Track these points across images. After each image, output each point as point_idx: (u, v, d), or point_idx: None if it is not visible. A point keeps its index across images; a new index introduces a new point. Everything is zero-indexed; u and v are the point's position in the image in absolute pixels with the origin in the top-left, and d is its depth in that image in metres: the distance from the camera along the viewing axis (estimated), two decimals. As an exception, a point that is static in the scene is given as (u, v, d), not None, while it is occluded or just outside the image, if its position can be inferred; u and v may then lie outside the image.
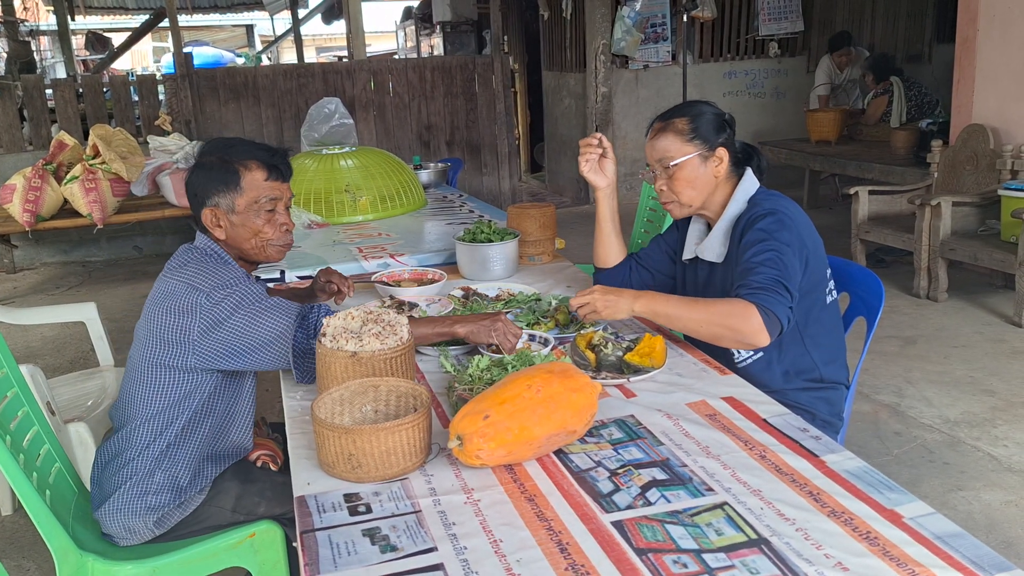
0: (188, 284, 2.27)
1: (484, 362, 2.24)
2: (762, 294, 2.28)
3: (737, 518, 1.63)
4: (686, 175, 2.57)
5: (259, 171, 2.41)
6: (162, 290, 2.32)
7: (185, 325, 2.25)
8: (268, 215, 2.43)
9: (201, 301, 2.24)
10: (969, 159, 6.16)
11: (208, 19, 21.92)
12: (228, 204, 2.40)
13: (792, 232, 2.41)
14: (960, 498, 3.54)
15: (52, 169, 6.62)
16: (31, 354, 5.80)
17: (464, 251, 3.29)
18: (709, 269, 2.66)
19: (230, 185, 2.39)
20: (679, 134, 2.57)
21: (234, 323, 2.25)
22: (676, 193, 2.59)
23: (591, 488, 1.77)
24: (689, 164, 2.56)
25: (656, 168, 2.62)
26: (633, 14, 9.39)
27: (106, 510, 2.33)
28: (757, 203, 2.53)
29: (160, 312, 2.29)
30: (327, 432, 1.82)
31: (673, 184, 2.59)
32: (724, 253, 2.58)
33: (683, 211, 2.65)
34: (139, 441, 2.32)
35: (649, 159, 2.66)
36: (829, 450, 1.88)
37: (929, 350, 5.12)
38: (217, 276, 2.29)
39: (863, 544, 1.53)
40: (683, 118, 2.59)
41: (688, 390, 2.24)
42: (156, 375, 2.31)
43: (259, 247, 2.44)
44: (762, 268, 2.33)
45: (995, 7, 6.07)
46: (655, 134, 2.63)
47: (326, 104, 5.15)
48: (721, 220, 2.60)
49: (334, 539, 1.62)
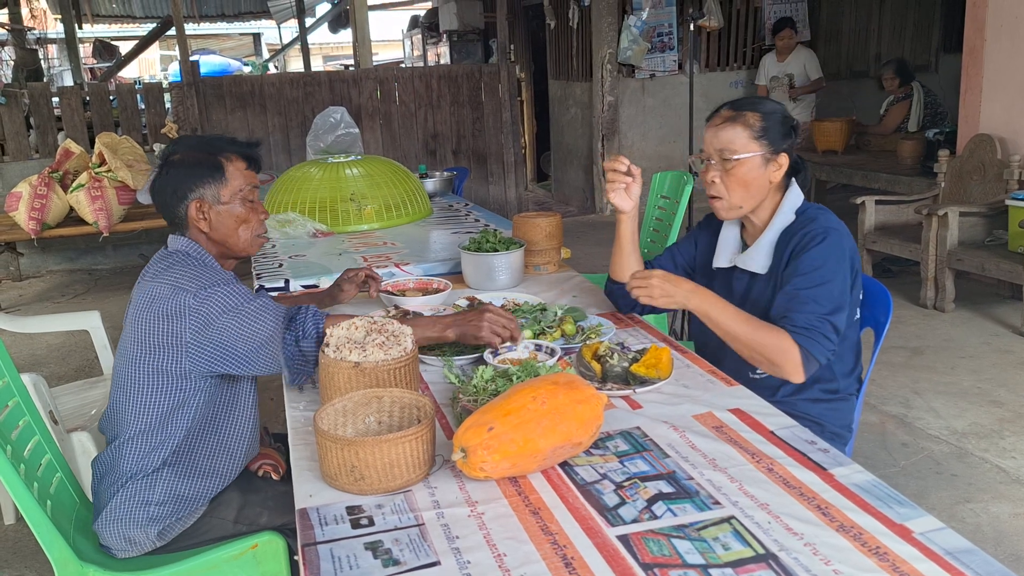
0: (174, 286, 2.26)
1: (488, 373, 2.22)
2: (808, 335, 2.29)
3: (744, 532, 1.61)
4: (743, 173, 2.48)
5: (240, 161, 2.48)
6: (147, 295, 2.29)
7: (176, 328, 2.23)
8: (250, 205, 2.49)
9: (189, 302, 2.23)
10: (976, 169, 6.14)
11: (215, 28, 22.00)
12: (213, 195, 2.43)
13: (845, 259, 2.40)
14: (968, 510, 3.51)
15: (58, 177, 6.63)
16: (36, 362, 5.80)
17: (469, 260, 3.27)
18: (749, 280, 2.60)
19: (215, 177, 2.43)
20: (748, 129, 2.46)
21: (224, 324, 2.24)
22: (728, 190, 2.51)
23: (596, 501, 1.75)
24: (750, 163, 2.47)
25: (713, 157, 2.51)
26: (640, 23, 9.39)
27: (104, 522, 2.31)
28: (810, 219, 2.48)
29: (148, 317, 2.26)
30: (330, 443, 1.80)
31: (728, 179, 2.49)
32: (768, 265, 2.52)
33: (730, 213, 2.56)
34: (134, 453, 2.30)
35: (707, 146, 2.53)
36: (837, 463, 1.86)
37: (936, 361, 5.09)
38: (202, 277, 2.29)
39: (872, 559, 1.51)
40: (755, 113, 2.48)
41: (695, 402, 2.22)
42: (148, 383, 2.29)
43: (244, 238, 2.49)
44: (812, 304, 2.32)
45: (1002, 17, 6.06)
46: (722, 122, 2.50)
47: (331, 113, 5.15)
48: (768, 231, 2.53)
49: (336, 553, 1.60)
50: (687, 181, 4.41)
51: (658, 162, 9.76)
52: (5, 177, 8.08)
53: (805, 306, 2.32)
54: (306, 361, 2.29)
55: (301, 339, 2.28)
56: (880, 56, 10.42)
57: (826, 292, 2.33)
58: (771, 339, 2.31)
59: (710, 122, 2.55)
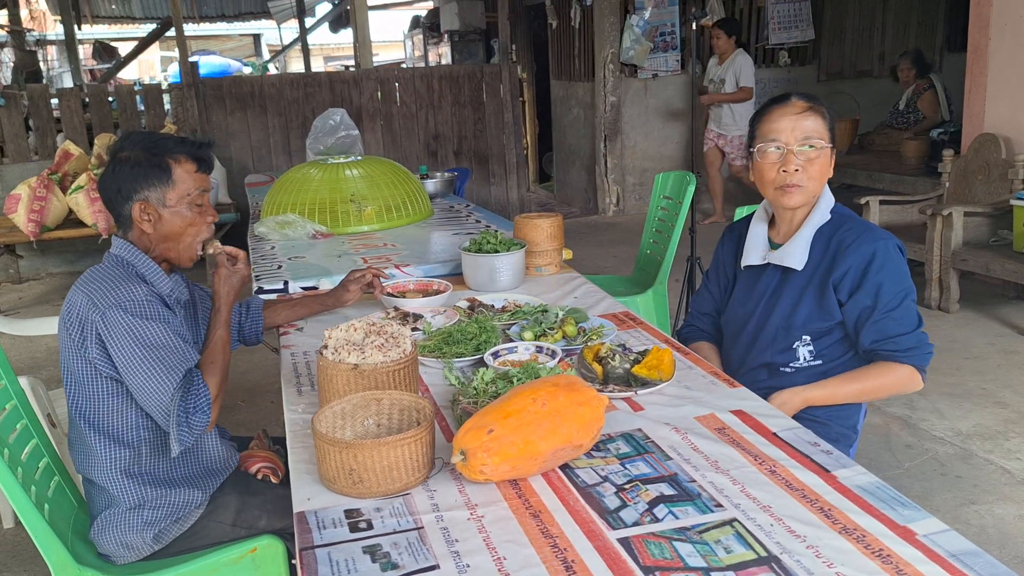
0: (89, 297, 2.21)
1: (489, 375, 2.21)
2: (915, 353, 2.44)
3: (747, 535, 1.59)
4: (823, 163, 2.48)
5: (189, 163, 2.38)
6: (68, 300, 2.27)
7: (87, 342, 2.20)
8: (199, 209, 2.40)
9: (95, 318, 2.18)
10: (981, 169, 6.12)
11: (215, 28, 21.99)
12: (159, 198, 2.34)
13: (901, 260, 2.49)
14: (973, 512, 3.49)
15: (57, 179, 6.63)
16: (35, 365, 5.79)
17: (470, 261, 3.26)
18: (781, 276, 2.59)
19: (161, 179, 2.33)
20: (825, 120, 2.48)
21: (122, 355, 2.18)
22: (809, 179, 2.47)
23: (597, 504, 1.73)
24: (827, 154, 2.48)
25: (792, 145, 2.45)
26: (642, 23, 9.38)
27: (99, 530, 2.30)
28: (848, 219, 2.54)
29: (64, 323, 2.25)
30: (328, 446, 1.79)
31: (811, 169, 2.46)
32: (805, 260, 2.53)
33: (804, 199, 2.52)
34: (104, 455, 2.28)
35: (785, 134, 2.46)
36: (840, 465, 1.84)
37: (941, 362, 5.06)
38: (119, 294, 2.21)
39: (876, 562, 1.50)
40: (821, 106, 2.50)
41: (697, 403, 2.20)
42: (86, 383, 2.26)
43: (186, 244, 2.40)
44: (906, 322, 2.44)
45: (1007, 16, 6.04)
46: (802, 111, 2.47)
47: (331, 115, 5.13)
48: (806, 226, 2.54)
49: (334, 556, 1.59)
50: (690, 181, 4.40)
51: (661, 162, 9.76)
52: (4, 179, 8.07)
53: (901, 326, 2.43)
54: (191, 433, 2.18)
55: (192, 412, 2.18)
56: (884, 55, 10.41)
57: (909, 307, 2.45)
58: (889, 378, 2.46)
59: (782, 109, 2.50)
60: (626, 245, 8.25)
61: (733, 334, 2.74)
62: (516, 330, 2.70)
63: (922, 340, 2.44)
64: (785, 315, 2.55)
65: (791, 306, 2.54)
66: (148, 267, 2.35)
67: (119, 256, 2.35)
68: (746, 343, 2.66)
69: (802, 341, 2.53)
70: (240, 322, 2.85)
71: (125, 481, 2.29)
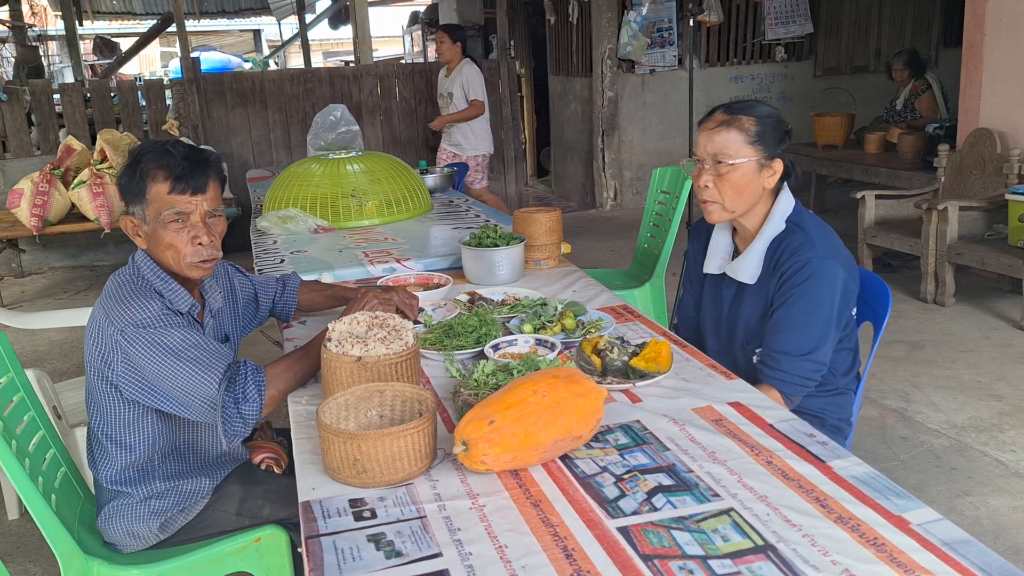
0: (106, 315, 2.19)
1: (489, 367, 2.24)
2: (784, 379, 2.42)
3: (743, 524, 1.62)
4: (738, 179, 2.44)
5: (163, 183, 2.23)
6: (93, 315, 2.25)
7: (108, 359, 2.18)
8: (177, 227, 2.25)
9: (117, 338, 2.15)
10: (976, 163, 6.15)
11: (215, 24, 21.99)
12: (140, 214, 2.28)
13: (832, 294, 2.41)
14: (967, 504, 3.53)
15: (60, 174, 6.64)
16: (39, 358, 5.82)
17: (470, 255, 3.28)
18: (738, 289, 2.60)
19: (138, 195, 2.26)
20: (743, 133, 2.42)
21: (156, 369, 2.15)
22: (722, 195, 2.46)
23: (597, 494, 1.76)
24: (745, 168, 2.43)
25: (707, 162, 2.46)
26: (640, 18, 9.39)
27: (106, 519, 2.32)
28: (798, 229, 2.47)
29: (89, 336, 2.24)
30: (332, 437, 1.82)
31: (722, 185, 2.45)
32: (758, 275, 2.51)
33: (723, 216, 2.52)
34: (117, 455, 2.30)
35: (700, 150, 2.47)
36: (836, 456, 1.87)
37: (936, 355, 5.10)
38: (133, 310, 2.17)
39: (870, 550, 1.52)
40: (751, 117, 2.43)
41: (694, 395, 2.22)
42: (102, 393, 2.27)
43: (175, 261, 2.28)
44: (796, 342, 2.40)
45: (1002, 11, 6.06)
46: (716, 126, 2.45)
47: (331, 111, 5.15)
48: (757, 240, 2.51)
49: (339, 545, 1.62)
50: (687, 176, 4.42)
51: (658, 157, 9.78)
52: (7, 174, 8.10)
53: (788, 345, 2.41)
54: (245, 424, 2.19)
55: (241, 402, 2.17)
56: (880, 51, 10.43)
57: (811, 332, 2.39)
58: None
59: (703, 125, 2.51)
60: (623, 239, 8.29)
61: (705, 335, 2.78)
62: (516, 323, 2.73)
63: (800, 371, 2.40)
64: (746, 329, 2.57)
65: (749, 317, 2.55)
66: (166, 284, 2.29)
67: (138, 268, 2.31)
68: (718, 351, 2.68)
69: (757, 355, 2.55)
70: (274, 299, 2.85)
71: (137, 479, 2.32)
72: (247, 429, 2.20)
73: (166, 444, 2.34)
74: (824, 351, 2.40)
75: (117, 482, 2.31)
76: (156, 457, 2.34)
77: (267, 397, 2.21)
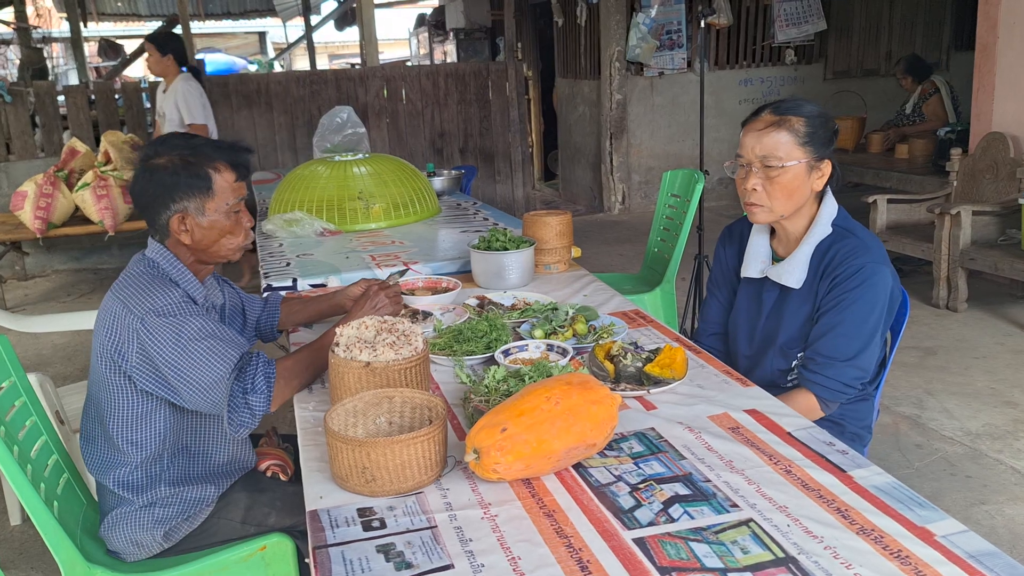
0: (124, 304, 2.19)
1: (501, 373, 2.19)
2: (826, 384, 2.38)
3: (763, 535, 1.58)
4: (788, 182, 2.36)
5: (229, 173, 2.32)
6: (106, 306, 2.24)
7: (123, 349, 2.18)
8: (236, 216, 2.35)
9: (136, 326, 2.15)
10: (989, 168, 6.10)
11: (221, 26, 22.02)
12: (198, 208, 2.29)
13: (883, 299, 2.36)
14: (983, 512, 3.48)
15: (64, 176, 6.62)
16: (42, 362, 5.78)
17: (479, 259, 3.24)
18: (780, 293, 2.53)
19: (201, 189, 2.27)
20: (794, 134, 2.34)
21: (168, 359, 2.15)
22: (771, 198, 2.39)
23: (612, 504, 1.72)
24: (796, 171, 2.35)
25: (754, 164, 2.38)
26: (648, 21, 9.36)
27: (109, 527, 2.29)
28: (848, 234, 2.42)
29: (101, 330, 2.23)
30: (340, 444, 1.78)
31: (771, 187, 2.37)
32: (804, 279, 2.44)
33: (768, 218, 2.45)
34: (128, 453, 2.27)
35: (747, 152, 2.39)
36: (856, 465, 1.82)
37: (949, 361, 5.05)
38: (154, 299, 2.18)
39: (894, 563, 1.48)
40: (800, 118, 2.35)
41: (710, 402, 2.18)
42: (112, 390, 2.24)
43: (227, 247, 2.36)
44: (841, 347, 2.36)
45: (1015, 14, 6.01)
46: (765, 127, 2.36)
47: (338, 113, 5.12)
48: (804, 244, 2.44)
49: (347, 555, 1.58)
50: (697, 179, 4.38)
51: (667, 160, 9.74)
52: (11, 176, 8.08)
53: (835, 350, 2.37)
54: (252, 415, 2.19)
55: (249, 392, 2.18)
56: (891, 54, 10.37)
57: (858, 338, 2.35)
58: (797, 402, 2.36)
59: (750, 125, 2.42)
60: (632, 243, 8.25)
61: (736, 340, 2.71)
62: (527, 328, 2.69)
63: (842, 376, 2.36)
64: (788, 334, 2.50)
65: (792, 324, 2.49)
66: (182, 275, 2.32)
67: (153, 260, 2.32)
68: (749, 356, 2.64)
69: (799, 359, 2.50)
70: (259, 315, 2.83)
71: (144, 483, 2.28)
72: (254, 421, 2.20)
73: (175, 442, 2.32)
74: (868, 358, 2.36)
75: (123, 485, 2.27)
76: (165, 456, 2.30)
77: (275, 390, 2.22)
